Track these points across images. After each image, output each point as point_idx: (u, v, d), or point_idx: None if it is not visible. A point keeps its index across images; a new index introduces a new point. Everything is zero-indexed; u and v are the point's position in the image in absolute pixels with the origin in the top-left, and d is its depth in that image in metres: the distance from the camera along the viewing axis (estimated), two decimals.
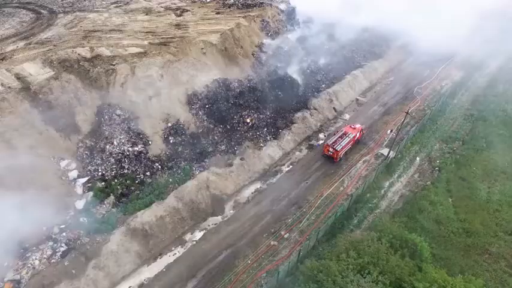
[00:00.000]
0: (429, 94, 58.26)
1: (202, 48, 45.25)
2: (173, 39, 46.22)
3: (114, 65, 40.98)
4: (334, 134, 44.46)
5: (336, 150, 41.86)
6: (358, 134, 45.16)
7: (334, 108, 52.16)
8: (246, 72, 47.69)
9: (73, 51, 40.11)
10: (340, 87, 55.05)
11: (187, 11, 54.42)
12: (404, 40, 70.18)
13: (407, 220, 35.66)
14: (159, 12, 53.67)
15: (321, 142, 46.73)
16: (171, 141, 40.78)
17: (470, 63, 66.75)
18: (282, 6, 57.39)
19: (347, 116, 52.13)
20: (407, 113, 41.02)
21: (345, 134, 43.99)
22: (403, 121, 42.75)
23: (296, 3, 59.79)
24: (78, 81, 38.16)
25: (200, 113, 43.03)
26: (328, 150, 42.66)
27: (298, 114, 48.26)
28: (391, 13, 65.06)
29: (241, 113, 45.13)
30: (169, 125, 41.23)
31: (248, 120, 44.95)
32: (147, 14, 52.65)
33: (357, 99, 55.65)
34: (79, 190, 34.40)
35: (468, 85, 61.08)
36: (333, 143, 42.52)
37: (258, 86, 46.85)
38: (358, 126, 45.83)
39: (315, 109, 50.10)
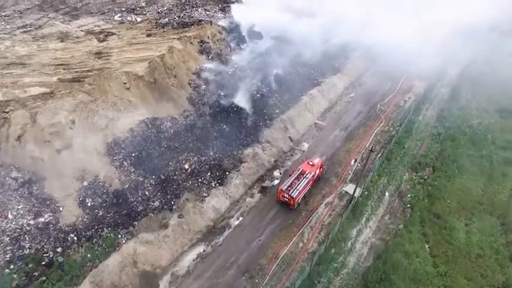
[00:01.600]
0: (393, 111, 53.33)
1: (125, 83, 37.42)
2: (90, 73, 38.09)
3: (7, 113, 32.54)
4: (290, 175, 37.92)
5: (292, 197, 35.32)
6: (318, 171, 38.92)
7: (289, 137, 45.77)
8: (181, 107, 40.26)
9: None
10: (296, 112, 48.80)
11: (112, 34, 46.27)
12: (364, 50, 65.42)
13: (381, 284, 29.59)
14: (77, 37, 45.19)
15: (276, 182, 40.12)
16: (89, 204, 32.75)
17: (431, 71, 62.77)
18: (224, 23, 50.39)
19: (305, 146, 45.87)
20: (371, 150, 35.14)
21: (302, 173, 37.58)
22: (367, 158, 36.86)
23: (240, 18, 52.97)
24: None
25: (125, 164, 35.18)
26: (284, 196, 36.12)
27: (248, 151, 41.42)
28: (348, 21, 60.06)
29: (178, 158, 37.69)
30: (86, 183, 33.15)
31: (186, 166, 37.60)
32: (62, 41, 44.08)
33: (316, 124, 49.66)
34: None
35: (431, 98, 56.78)
36: (288, 187, 35.99)
37: (196, 123, 39.57)
38: (317, 161, 39.59)
39: (268, 142, 43.47)
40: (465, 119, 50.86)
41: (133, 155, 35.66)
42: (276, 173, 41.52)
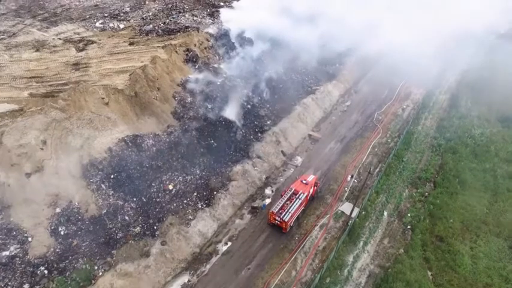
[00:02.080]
0: (390, 120, 50.88)
1: (103, 98, 34.53)
2: (65, 87, 35.19)
3: None
4: (282, 195, 35.29)
5: (284, 221, 32.71)
6: (311, 190, 36.36)
7: (282, 151, 43.15)
8: (165, 122, 37.44)
9: None
10: (288, 123, 46.17)
11: (92, 42, 43.30)
12: (360, 55, 62.92)
13: None
14: (54, 46, 42.18)
15: (267, 201, 37.56)
16: (62, 233, 29.91)
17: (429, 77, 60.50)
18: (213, 30, 47.51)
19: (299, 160, 43.30)
20: (369, 172, 32.59)
21: (295, 194, 34.98)
22: (366, 179, 34.30)
23: (230, 24, 50.17)
24: None
25: (103, 187, 32.35)
26: (275, 219, 33.53)
27: (238, 168, 38.75)
28: (343, 26, 57.38)
29: (161, 178, 34.94)
30: (59, 210, 30.27)
31: (170, 187, 34.87)
32: (37, 50, 41.06)
33: (310, 135, 47.05)
34: None
35: (430, 106, 54.41)
36: (280, 210, 33.39)
37: (181, 139, 36.80)
38: (311, 178, 36.98)
39: (259, 157, 40.82)
40: (466, 128, 48.51)
41: (112, 176, 32.81)
42: (268, 191, 38.97)
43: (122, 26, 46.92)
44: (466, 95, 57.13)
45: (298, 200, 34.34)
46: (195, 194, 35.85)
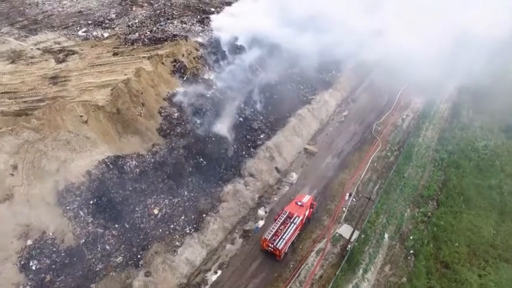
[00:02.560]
0: (390, 132, 48.59)
1: (81, 115, 31.90)
2: (40, 104, 32.53)
3: None
4: (275, 219, 32.83)
5: (278, 249, 30.27)
6: (307, 212, 33.93)
7: (276, 168, 40.70)
8: (149, 140, 34.88)
9: None
10: (283, 136, 43.70)
11: (74, 53, 40.65)
12: (357, 61, 60.67)
13: None
14: (32, 57, 39.46)
15: (260, 223, 35.19)
16: (34, 268, 27.31)
17: (428, 84, 58.31)
18: (202, 39, 44.90)
19: (294, 177, 40.87)
20: (369, 198, 30.22)
21: (289, 217, 32.57)
22: (365, 207, 31.93)
23: (221, 31, 47.59)
24: None
25: (81, 213, 29.75)
26: (268, 246, 31.05)
27: (228, 188, 36.26)
28: (340, 31, 55.04)
29: (145, 202, 32.41)
30: (30, 242, 27.67)
31: (156, 211, 32.35)
32: (12, 62, 38.35)
33: (306, 149, 44.62)
34: None
35: (431, 116, 52.13)
36: (273, 236, 30.98)
37: (167, 159, 34.25)
38: (306, 199, 34.60)
39: (251, 175, 38.34)
40: (469, 141, 46.31)
41: (91, 202, 30.24)
42: (261, 212, 36.55)
43: (106, 34, 44.23)
44: (467, 104, 55.04)
45: (292, 224, 31.92)
46: (183, 217, 33.33)
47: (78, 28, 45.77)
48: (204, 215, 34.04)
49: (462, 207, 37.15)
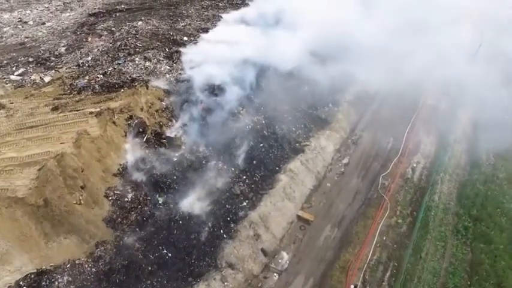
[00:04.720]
0: (399, 187, 40.62)
1: None
2: None
3: None
4: None
5: None
6: None
7: (262, 250, 32.45)
8: (92, 238, 26.20)
9: None
10: (271, 204, 35.43)
11: (0, 107, 31.57)
12: (355, 90, 53.19)
13: None
14: None
15: None
16: None
17: (438, 117, 50.99)
18: (169, 83, 36.05)
19: (285, 259, 32.68)
20: None
21: None
22: None
23: (195, 69, 38.85)
24: None
25: None
26: None
27: None
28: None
29: None
30: None
31: None
32: None
33: (299, 217, 36.38)
34: None
35: (446, 164, 44.03)
36: None
37: (117, 262, 25.73)
38: None
39: (230, 266, 30.03)
40: (496, 201, 38.43)
41: None
42: None
43: (47, 78, 35.25)
44: (486, 144, 46.93)
45: None
46: None
47: (14, 69, 36.67)
48: None
49: None
